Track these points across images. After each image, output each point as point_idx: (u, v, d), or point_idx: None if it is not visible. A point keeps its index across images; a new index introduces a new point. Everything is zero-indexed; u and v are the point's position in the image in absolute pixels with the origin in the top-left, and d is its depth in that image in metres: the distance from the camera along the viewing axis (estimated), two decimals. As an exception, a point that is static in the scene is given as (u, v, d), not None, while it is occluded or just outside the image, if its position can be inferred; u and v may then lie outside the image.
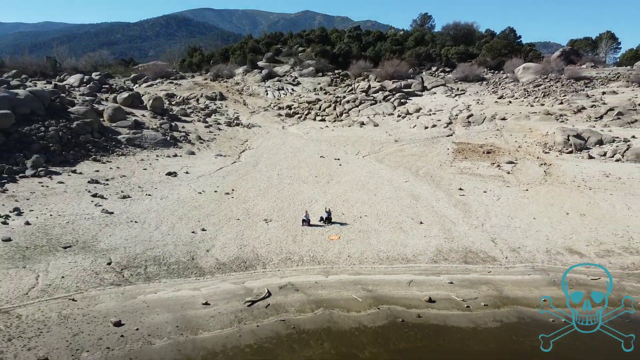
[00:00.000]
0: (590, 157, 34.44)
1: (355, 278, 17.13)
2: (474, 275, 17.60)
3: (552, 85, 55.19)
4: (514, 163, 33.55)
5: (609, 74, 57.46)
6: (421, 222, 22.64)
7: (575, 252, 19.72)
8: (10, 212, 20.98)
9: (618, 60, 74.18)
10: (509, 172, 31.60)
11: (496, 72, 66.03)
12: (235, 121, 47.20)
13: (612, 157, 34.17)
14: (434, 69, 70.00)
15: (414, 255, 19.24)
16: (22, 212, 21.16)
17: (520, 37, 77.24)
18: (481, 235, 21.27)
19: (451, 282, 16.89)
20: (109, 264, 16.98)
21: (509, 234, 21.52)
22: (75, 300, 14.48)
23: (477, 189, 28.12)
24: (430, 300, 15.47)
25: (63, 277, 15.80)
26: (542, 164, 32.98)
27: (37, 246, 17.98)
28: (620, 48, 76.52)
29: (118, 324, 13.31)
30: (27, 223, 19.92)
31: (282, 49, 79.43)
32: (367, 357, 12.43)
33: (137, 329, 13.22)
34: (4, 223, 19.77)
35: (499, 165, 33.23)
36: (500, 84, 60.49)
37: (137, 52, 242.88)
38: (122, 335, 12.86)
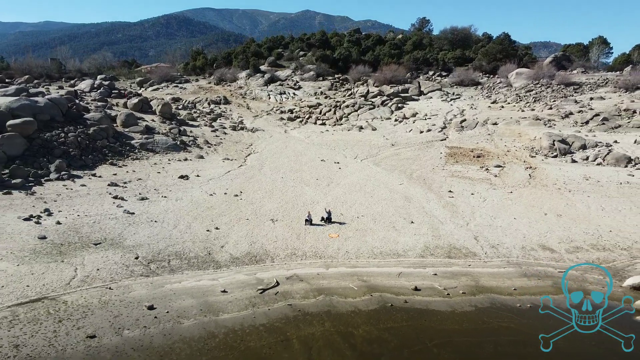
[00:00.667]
0: (574, 161, 36.76)
1: (352, 270, 19.59)
2: (456, 268, 20.07)
3: (543, 91, 57.52)
4: (501, 167, 35.91)
5: (598, 79, 59.69)
6: (412, 222, 25.05)
7: (547, 249, 22.17)
8: (42, 212, 23.28)
9: (610, 64, 76.42)
10: (496, 175, 33.98)
11: (491, 76, 68.21)
12: (239, 125, 49.52)
13: (594, 161, 36.44)
14: (431, 73, 72.32)
15: (404, 250, 21.70)
16: (52, 213, 23.49)
17: (515, 42, 79.55)
18: (465, 234, 23.71)
19: (435, 274, 19.34)
20: (136, 258, 19.40)
21: (491, 232, 23.95)
22: (112, 289, 16.90)
23: (466, 191, 30.52)
24: (416, 289, 17.93)
25: (98, 269, 18.21)
26: (527, 168, 35.36)
27: (71, 243, 20.36)
28: (612, 53, 78.90)
29: (151, 307, 15.75)
30: (58, 222, 22.25)
31: (283, 53, 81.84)
32: (361, 334, 15.01)
33: (168, 312, 15.67)
34: (37, 223, 22.11)
35: (487, 169, 35.62)
36: (494, 89, 62.72)
37: (138, 52, 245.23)
38: (155, 317, 15.32)
